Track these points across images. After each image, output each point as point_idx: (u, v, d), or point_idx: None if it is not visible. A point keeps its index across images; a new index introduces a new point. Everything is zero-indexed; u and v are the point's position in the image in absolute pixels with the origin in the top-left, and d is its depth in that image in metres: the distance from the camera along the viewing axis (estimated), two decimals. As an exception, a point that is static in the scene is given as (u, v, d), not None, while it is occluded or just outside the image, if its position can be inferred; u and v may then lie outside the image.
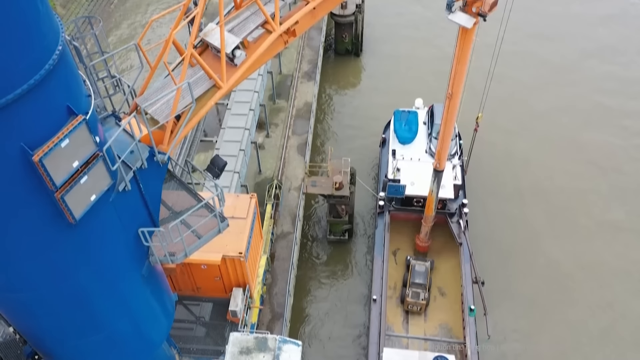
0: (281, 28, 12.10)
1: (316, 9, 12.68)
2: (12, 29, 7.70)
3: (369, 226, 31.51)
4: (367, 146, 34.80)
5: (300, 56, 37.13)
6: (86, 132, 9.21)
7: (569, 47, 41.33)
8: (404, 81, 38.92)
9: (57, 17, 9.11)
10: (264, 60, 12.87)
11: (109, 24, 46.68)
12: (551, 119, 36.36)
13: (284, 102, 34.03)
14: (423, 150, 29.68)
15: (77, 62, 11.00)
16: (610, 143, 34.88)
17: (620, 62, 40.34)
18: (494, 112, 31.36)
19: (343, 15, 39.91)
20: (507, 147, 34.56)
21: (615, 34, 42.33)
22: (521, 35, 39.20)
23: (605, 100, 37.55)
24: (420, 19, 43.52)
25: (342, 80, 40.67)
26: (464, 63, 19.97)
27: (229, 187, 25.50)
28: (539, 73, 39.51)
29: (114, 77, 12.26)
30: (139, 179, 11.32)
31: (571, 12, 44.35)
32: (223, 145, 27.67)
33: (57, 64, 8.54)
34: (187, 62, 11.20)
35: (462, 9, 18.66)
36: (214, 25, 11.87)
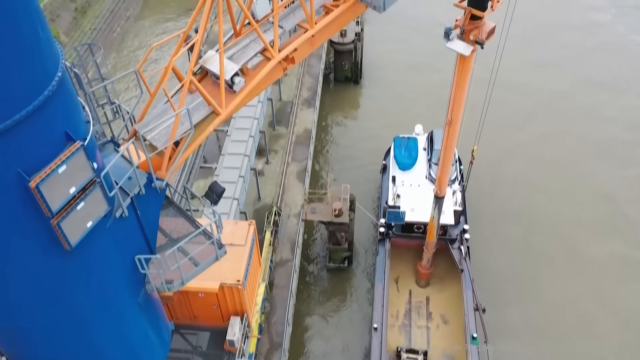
0: (280, 55, 12.17)
1: (315, 37, 12.79)
2: (12, 55, 7.73)
3: (369, 253, 31.27)
4: (367, 173, 34.80)
5: (300, 83, 37.43)
6: (84, 158, 9.16)
7: (564, 75, 41.78)
8: (403, 108, 39.18)
9: (58, 44, 9.16)
10: (263, 87, 12.92)
11: (111, 51, 47.25)
12: (550, 145, 36.48)
13: (284, 129, 34.15)
14: (423, 176, 29.66)
15: (77, 89, 11.04)
16: (609, 170, 34.94)
17: (615, 90, 40.76)
18: (492, 138, 31.46)
19: (342, 44, 40.41)
20: (507, 173, 34.59)
21: (606, 63, 42.88)
22: (518, 61, 39.61)
23: (602, 127, 37.79)
24: (419, 45, 44.05)
25: (342, 107, 40.94)
26: (462, 90, 20.08)
27: (228, 213, 25.37)
28: (536, 99, 39.84)
29: (114, 103, 12.29)
30: (136, 205, 11.23)
31: (566, 40, 44.99)
32: (222, 171, 27.64)
33: (56, 90, 8.55)
34: (186, 88, 11.24)
35: (460, 37, 18.86)
36: (214, 52, 11.95)
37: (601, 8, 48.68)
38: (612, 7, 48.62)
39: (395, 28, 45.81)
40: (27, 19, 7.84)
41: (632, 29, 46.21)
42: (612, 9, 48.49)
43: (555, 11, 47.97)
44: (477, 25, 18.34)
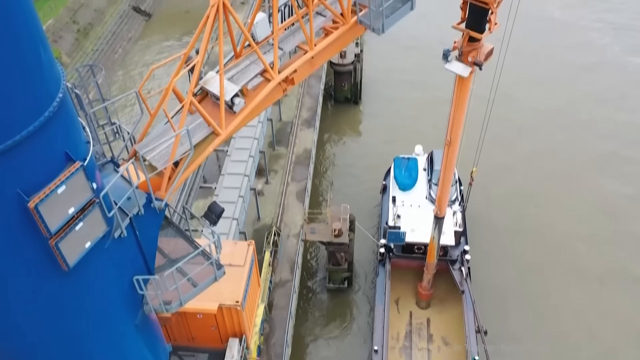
0: (280, 76, 12.26)
1: (314, 59, 12.90)
2: (14, 76, 7.80)
3: (369, 274, 31.08)
4: (367, 193, 34.80)
5: (300, 104, 37.65)
6: (83, 179, 9.17)
7: (562, 92, 42.14)
8: (403, 128, 39.34)
9: (59, 65, 9.23)
10: (263, 108, 12.99)
11: (113, 72, 47.63)
12: (549, 162, 36.63)
13: (284, 149, 34.25)
14: (423, 196, 29.66)
15: (78, 109, 11.09)
16: (608, 186, 35.03)
17: (613, 108, 41.14)
18: (491, 156, 31.52)
19: (342, 65, 40.75)
20: (507, 192, 34.60)
21: (603, 81, 43.30)
22: (516, 78, 39.96)
23: (600, 143, 38.07)
24: (419, 65, 44.38)
25: (342, 128, 41.11)
26: (461, 110, 20.19)
27: (228, 233, 25.29)
28: (534, 116, 40.14)
29: (114, 123, 12.33)
30: (135, 225, 11.20)
31: (564, 59, 45.44)
32: (222, 191, 27.64)
33: (57, 111, 8.59)
34: (186, 109, 11.29)
35: (458, 58, 19.04)
36: (214, 73, 12.03)
37: (599, 29, 49.22)
38: (609, 29, 49.16)
39: (394, 49, 46.23)
40: (30, 42, 7.93)
41: (629, 50, 46.70)
42: (610, 30, 49.03)
43: (553, 33, 48.50)
44: (475, 47, 18.53)
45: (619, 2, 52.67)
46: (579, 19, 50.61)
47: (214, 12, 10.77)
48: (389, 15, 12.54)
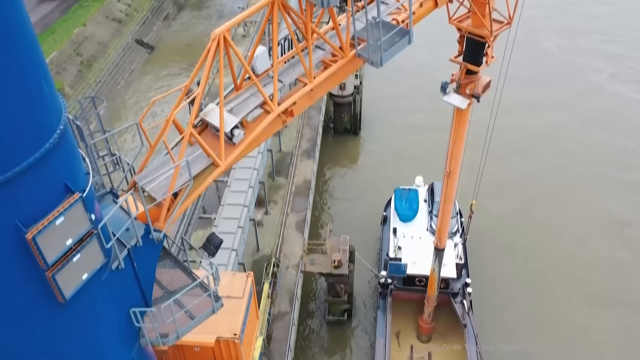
0: (279, 108, 12.36)
1: (313, 91, 13.02)
2: (16, 109, 7.87)
3: (369, 306, 30.74)
4: (367, 224, 34.71)
5: (299, 134, 37.91)
6: (82, 210, 9.15)
7: (561, 121, 42.54)
8: (403, 159, 39.52)
9: (61, 97, 9.34)
10: (262, 139, 13.06)
11: (115, 102, 48.11)
12: (550, 191, 36.70)
13: (284, 180, 34.32)
14: (424, 228, 29.59)
15: (79, 140, 11.16)
16: (609, 212, 35.03)
17: (609, 133, 41.59)
18: (492, 186, 31.61)
19: (342, 96, 41.21)
20: (509, 223, 34.50)
21: (602, 110, 43.79)
22: (513, 107, 40.40)
23: (600, 169, 38.32)
24: (418, 96, 44.93)
25: (341, 158, 41.29)
26: (460, 142, 20.31)
27: (226, 264, 25.13)
28: (532, 142, 40.43)
29: (114, 154, 12.38)
30: (133, 257, 11.13)
31: (559, 88, 46.01)
32: (221, 222, 27.58)
33: (58, 143, 8.64)
34: (186, 140, 11.36)
35: (456, 90, 19.25)
36: (214, 105, 12.14)
37: (598, 69, 49.68)
38: (608, 67, 49.72)
39: (393, 80, 46.86)
40: (33, 76, 8.04)
41: (624, 80, 47.29)
42: (609, 68, 49.60)
43: (550, 64, 49.19)
44: (472, 80, 18.78)
45: (615, 34, 53.60)
46: (576, 51, 51.39)
47: (214, 45, 10.93)
48: (387, 48, 12.70)
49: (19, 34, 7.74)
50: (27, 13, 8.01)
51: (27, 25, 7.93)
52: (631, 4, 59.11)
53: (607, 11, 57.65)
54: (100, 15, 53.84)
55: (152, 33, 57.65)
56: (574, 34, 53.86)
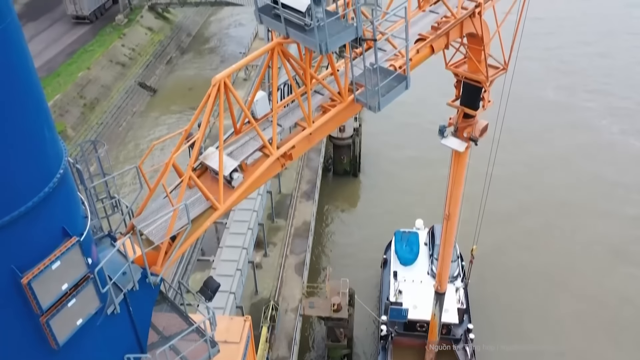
0: (278, 152, 12.46)
1: (312, 135, 13.17)
2: (17, 154, 7.92)
3: (369, 352, 30.13)
4: (367, 267, 34.42)
5: (299, 176, 38.06)
6: (79, 254, 9.09)
7: (561, 169, 42.70)
8: (403, 201, 39.54)
9: (62, 141, 9.43)
10: (261, 183, 13.11)
11: (116, 144, 48.51)
12: (550, 235, 36.50)
13: (283, 221, 34.25)
14: (425, 271, 29.34)
15: (78, 184, 11.21)
16: (610, 264, 34.67)
17: (608, 184, 41.64)
18: (493, 231, 31.50)
19: (341, 138, 41.61)
20: (510, 267, 34.21)
21: (601, 159, 43.98)
22: (512, 155, 40.68)
23: (599, 219, 38.14)
24: (417, 137, 45.34)
25: (341, 200, 41.31)
26: (459, 185, 20.39)
27: (224, 308, 24.78)
28: (531, 187, 40.49)
29: (113, 197, 12.40)
30: (129, 301, 10.98)
31: (557, 135, 46.38)
32: (220, 264, 27.36)
33: (57, 187, 8.66)
34: (185, 184, 11.41)
35: (454, 134, 19.46)
36: (214, 149, 12.25)
37: (597, 112, 50.18)
38: (606, 112, 50.23)
39: (392, 121, 47.38)
40: (35, 121, 8.13)
41: (627, 131, 47.59)
42: (608, 115, 50.04)
43: (548, 111, 49.80)
44: (470, 123, 19.01)
45: (611, 83, 54.42)
46: (573, 99, 52.02)
47: (215, 90, 11.13)
48: (384, 93, 12.92)
49: (23, 80, 7.88)
50: (32, 60, 8.18)
51: (31, 72, 8.09)
52: (625, 48, 60.39)
53: (602, 57, 58.78)
54: (104, 59, 54.96)
55: (154, 76, 58.69)
56: (570, 79, 54.76)
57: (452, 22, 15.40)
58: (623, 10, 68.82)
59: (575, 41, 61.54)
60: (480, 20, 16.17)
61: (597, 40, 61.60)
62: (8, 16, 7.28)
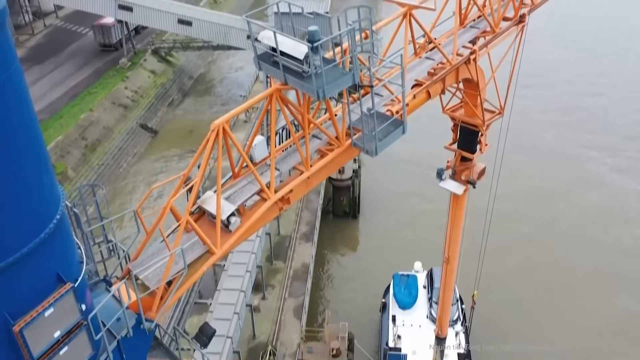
0: (276, 196, 12.49)
1: (310, 179, 13.23)
2: (13, 200, 7.92)
3: (369, 398, 29.39)
4: (366, 310, 33.94)
5: (298, 218, 37.99)
6: (73, 301, 8.98)
7: (560, 208, 42.65)
8: (402, 243, 39.35)
9: (60, 186, 9.46)
10: (259, 226, 13.09)
11: (116, 185, 48.61)
12: (551, 276, 36.19)
13: (282, 264, 33.98)
14: (424, 315, 28.93)
15: (75, 228, 11.18)
16: (611, 295, 34.41)
17: (606, 221, 41.53)
18: (493, 275, 31.18)
19: (341, 180, 41.76)
20: (512, 311, 33.71)
21: (600, 200, 43.99)
22: (510, 197, 40.71)
23: (600, 255, 37.94)
24: (416, 179, 45.44)
25: (340, 242, 41.10)
26: (458, 227, 20.35)
27: (221, 353, 24.30)
28: (532, 228, 40.34)
29: (110, 241, 12.36)
30: (122, 348, 10.78)
31: (555, 177, 46.58)
32: (217, 308, 26.98)
33: (53, 233, 8.62)
34: (182, 228, 11.38)
35: (452, 176, 19.56)
36: (212, 193, 12.29)
37: (593, 157, 50.35)
38: (606, 157, 50.38)
39: (392, 163, 47.59)
40: (34, 168, 8.17)
41: (628, 175, 47.60)
42: (607, 159, 50.21)
43: (546, 154, 50.08)
44: (468, 167, 19.13)
45: (609, 123, 54.97)
46: (570, 139, 52.47)
47: (213, 135, 11.25)
48: (381, 138, 13.05)
49: (23, 127, 7.96)
50: (33, 108, 8.30)
51: (32, 119, 8.18)
52: (621, 92, 61.32)
53: (598, 100, 59.53)
54: (107, 101, 55.74)
55: (156, 118, 59.39)
56: (568, 123, 55.27)
57: (448, 68, 15.72)
58: (619, 54, 70.33)
59: (571, 83, 62.58)
60: (475, 66, 16.50)
61: (593, 83, 62.64)
62: (11, 65, 7.44)
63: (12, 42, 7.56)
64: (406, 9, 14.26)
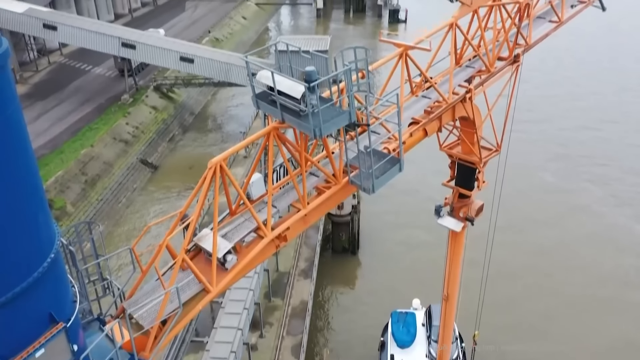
0: (273, 234, 12.46)
1: (307, 216, 13.22)
2: (6, 238, 7.90)
3: None
4: (365, 348, 33.37)
5: (297, 254, 37.73)
6: (64, 341, 8.88)
7: (559, 260, 42.24)
8: (401, 279, 39.01)
9: (55, 224, 9.45)
10: (255, 264, 13.00)
11: (115, 220, 48.47)
12: (552, 318, 35.66)
13: (280, 301, 33.56)
14: (423, 354, 28.44)
15: (70, 266, 11.11)
16: (615, 331, 33.90)
17: (606, 253, 41.33)
18: (492, 316, 30.79)
19: (340, 215, 41.65)
20: (514, 350, 33.13)
21: (601, 247, 43.68)
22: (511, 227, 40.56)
23: (601, 288, 37.63)
24: (415, 215, 45.28)
25: (339, 279, 40.73)
26: (457, 264, 20.23)
27: (217, 393, 23.76)
28: (532, 262, 40.06)
29: (105, 279, 12.26)
30: (114, 390, 10.57)
31: (554, 215, 46.48)
32: (214, 346, 26.52)
33: (47, 272, 8.58)
34: (177, 266, 11.31)
35: (450, 213, 19.55)
36: (208, 230, 12.24)
37: (595, 192, 50.29)
38: (605, 190, 50.26)
39: (391, 198, 47.54)
40: (30, 207, 8.18)
41: (626, 208, 47.52)
42: (606, 192, 50.07)
43: (546, 192, 50.04)
44: (465, 203, 19.14)
45: (607, 157, 55.22)
46: (570, 175, 52.50)
47: (211, 173, 11.30)
48: (378, 176, 13.12)
49: (21, 166, 8.01)
50: (31, 147, 8.37)
51: (29, 158, 8.25)
52: (617, 127, 61.85)
53: (595, 134, 60.02)
54: (108, 137, 56.14)
55: (157, 153, 59.70)
56: (566, 157, 55.57)
57: (444, 106, 15.91)
58: (613, 90, 71.26)
59: (567, 118, 63.17)
60: (471, 104, 16.71)
61: (591, 121, 63.19)
62: (10, 106, 7.54)
63: (12, 84, 7.68)
64: (402, 49, 14.53)
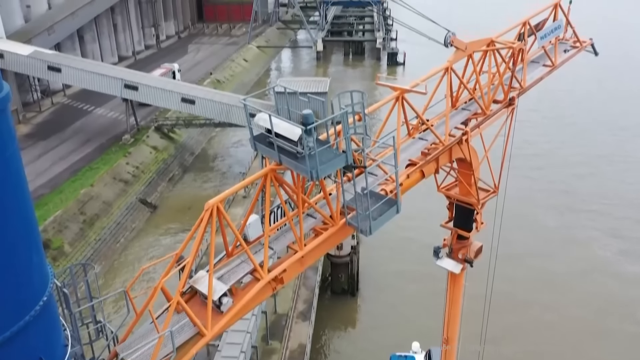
0: (269, 276, 12.37)
1: (304, 258, 13.15)
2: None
3: None
4: (364, 394, 32.59)
5: (295, 295, 37.26)
6: (54, 387, 8.69)
7: (558, 296, 41.81)
8: (400, 321, 38.41)
9: (49, 266, 9.39)
10: (252, 307, 12.85)
11: (112, 260, 48.08)
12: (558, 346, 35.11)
13: (278, 344, 32.93)
14: (424, 399, 27.70)
15: (64, 308, 10.98)
16: None
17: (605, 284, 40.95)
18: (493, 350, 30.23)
19: (339, 256, 41.33)
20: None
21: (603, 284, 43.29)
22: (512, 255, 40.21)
23: (601, 318, 37.11)
24: (416, 256, 44.84)
25: (338, 321, 40.11)
26: (456, 306, 19.98)
27: None
28: (531, 296, 39.59)
29: (99, 322, 12.09)
30: None
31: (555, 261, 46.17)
32: (209, 392, 25.88)
33: (39, 315, 8.49)
34: (172, 309, 11.18)
35: (449, 255, 19.44)
36: (204, 272, 12.16)
37: (599, 239, 49.74)
38: (608, 237, 49.46)
39: (391, 239, 47.22)
40: (24, 249, 8.17)
41: (631, 257, 46.95)
42: (609, 239, 49.26)
43: (547, 234, 49.80)
44: (464, 245, 19.06)
45: (609, 204, 55.00)
46: (573, 222, 52.14)
47: (207, 215, 11.31)
48: (376, 217, 13.12)
49: (16, 208, 8.03)
50: (28, 189, 8.42)
51: (26, 200, 8.28)
52: (614, 170, 62.13)
53: (597, 180, 60.04)
54: (108, 177, 56.28)
55: (156, 193, 59.73)
56: (569, 203, 55.29)
57: (441, 148, 16.05)
58: (614, 133, 71.94)
59: (568, 164, 63.34)
60: (468, 146, 16.86)
61: (587, 161, 63.58)
62: (9, 149, 7.62)
63: (12, 127, 7.79)
64: (398, 92, 14.78)
